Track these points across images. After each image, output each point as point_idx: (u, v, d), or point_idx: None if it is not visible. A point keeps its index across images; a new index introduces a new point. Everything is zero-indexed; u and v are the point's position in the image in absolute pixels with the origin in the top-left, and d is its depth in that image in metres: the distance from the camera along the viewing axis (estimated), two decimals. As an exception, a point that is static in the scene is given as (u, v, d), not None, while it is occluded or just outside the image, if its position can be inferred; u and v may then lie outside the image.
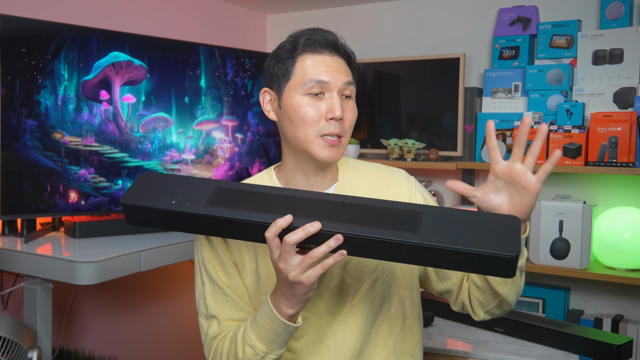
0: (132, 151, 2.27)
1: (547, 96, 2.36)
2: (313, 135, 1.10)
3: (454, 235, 0.91)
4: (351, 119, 1.13)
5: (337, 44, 1.13)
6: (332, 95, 1.10)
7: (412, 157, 2.60)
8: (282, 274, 0.96)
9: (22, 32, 2.00)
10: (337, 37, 1.15)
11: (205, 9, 2.91)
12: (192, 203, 1.00)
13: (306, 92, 1.10)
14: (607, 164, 2.14)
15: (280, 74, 1.13)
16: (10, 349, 1.66)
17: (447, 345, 1.90)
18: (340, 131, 1.11)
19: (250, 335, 1.06)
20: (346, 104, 1.13)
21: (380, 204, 0.99)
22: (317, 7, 3.06)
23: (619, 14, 2.27)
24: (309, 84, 1.10)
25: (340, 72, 1.11)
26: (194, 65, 2.43)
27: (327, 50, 1.12)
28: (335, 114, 1.09)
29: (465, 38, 2.69)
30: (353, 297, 1.15)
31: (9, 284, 2.13)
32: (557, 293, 2.36)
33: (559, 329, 1.85)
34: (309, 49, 1.12)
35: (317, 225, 0.93)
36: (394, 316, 1.19)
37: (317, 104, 1.10)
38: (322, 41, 1.12)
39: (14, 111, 2.00)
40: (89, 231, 2.13)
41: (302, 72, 1.11)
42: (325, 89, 1.10)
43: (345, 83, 1.11)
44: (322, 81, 1.10)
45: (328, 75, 1.10)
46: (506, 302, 1.13)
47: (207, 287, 1.18)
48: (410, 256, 0.93)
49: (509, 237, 0.91)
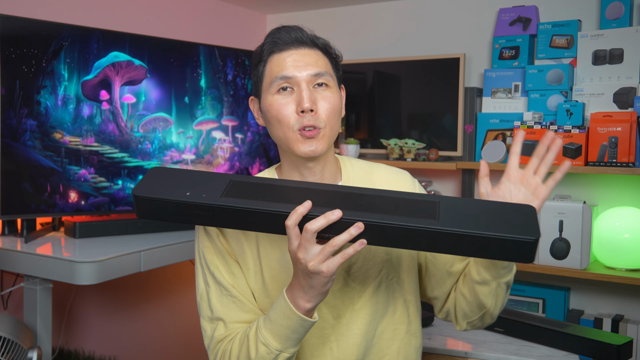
0: (132, 151, 2.27)
1: (547, 96, 2.36)
2: (290, 131, 1.09)
3: (474, 221, 0.92)
4: (328, 109, 1.10)
5: (301, 38, 1.11)
6: (300, 88, 1.09)
7: (412, 157, 2.60)
8: (302, 263, 0.95)
9: (22, 32, 2.00)
10: (302, 30, 1.13)
11: (205, 9, 2.91)
12: (207, 195, 0.99)
13: (275, 90, 1.10)
14: (607, 164, 2.14)
15: (256, 79, 1.15)
16: (10, 349, 1.66)
17: (447, 345, 1.90)
18: (315, 122, 1.08)
19: (264, 333, 1.03)
20: (320, 93, 1.10)
21: (397, 195, 0.99)
22: (317, 7, 3.06)
23: (619, 14, 2.27)
24: (275, 82, 1.10)
25: (307, 64, 1.09)
26: (194, 65, 2.43)
27: (293, 45, 1.11)
28: (304, 106, 1.07)
29: (465, 38, 2.69)
30: (357, 301, 1.14)
31: (9, 284, 2.13)
32: (557, 293, 2.36)
33: (559, 329, 1.85)
34: (274, 49, 1.12)
35: (338, 213, 0.92)
36: (399, 320, 1.18)
37: (288, 100, 1.09)
38: (285, 38, 1.11)
39: (14, 111, 2.00)
40: (89, 231, 2.13)
41: (270, 72, 1.11)
42: (292, 84, 1.09)
43: (313, 74, 1.09)
44: (285, 77, 1.09)
45: (292, 70, 1.09)
46: (489, 315, 1.14)
47: (212, 288, 1.15)
48: (432, 243, 0.92)
49: (527, 223, 0.92)
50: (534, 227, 0.91)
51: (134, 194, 1.00)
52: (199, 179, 1.03)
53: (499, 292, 1.09)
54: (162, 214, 1.01)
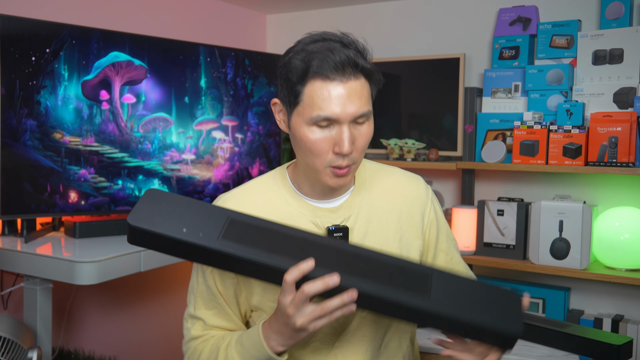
0: (132, 151, 2.27)
1: (547, 96, 2.36)
2: (321, 165, 1.06)
3: (463, 304, 0.96)
4: (363, 145, 1.07)
5: (351, 64, 1.02)
6: (341, 129, 1.03)
7: (412, 157, 2.60)
8: (290, 319, 0.96)
9: (22, 32, 2.00)
10: (353, 54, 1.02)
11: (205, 9, 2.91)
12: (204, 234, 0.97)
13: (313, 123, 1.03)
14: (607, 164, 2.14)
15: (289, 96, 1.06)
16: (10, 349, 1.66)
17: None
18: (349, 162, 1.06)
19: (234, 354, 1.05)
20: (359, 130, 1.06)
21: (393, 261, 1.00)
22: (317, 7, 3.06)
23: (619, 14, 2.27)
24: (316, 118, 1.02)
25: (352, 102, 1.02)
26: (194, 65, 2.43)
27: (340, 74, 1.01)
28: (343, 150, 1.03)
29: (465, 38, 2.69)
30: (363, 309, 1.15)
31: (9, 284, 2.13)
32: (557, 293, 2.36)
33: (559, 329, 1.85)
34: (319, 75, 1.01)
35: (336, 280, 0.93)
36: (405, 329, 1.19)
37: (325, 135, 1.03)
38: (335, 64, 1.00)
39: (14, 111, 2.00)
40: (89, 231, 2.13)
41: (311, 102, 1.02)
42: (334, 122, 1.03)
43: (357, 116, 1.03)
44: (329, 118, 1.02)
45: (338, 110, 1.01)
46: None
47: (201, 288, 1.16)
48: (420, 319, 0.96)
49: (512, 314, 0.97)
50: (518, 320, 0.97)
51: (129, 223, 0.97)
52: (196, 210, 1.01)
53: None
54: (156, 246, 1.00)
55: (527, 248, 2.35)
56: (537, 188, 2.52)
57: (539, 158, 2.28)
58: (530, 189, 2.53)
